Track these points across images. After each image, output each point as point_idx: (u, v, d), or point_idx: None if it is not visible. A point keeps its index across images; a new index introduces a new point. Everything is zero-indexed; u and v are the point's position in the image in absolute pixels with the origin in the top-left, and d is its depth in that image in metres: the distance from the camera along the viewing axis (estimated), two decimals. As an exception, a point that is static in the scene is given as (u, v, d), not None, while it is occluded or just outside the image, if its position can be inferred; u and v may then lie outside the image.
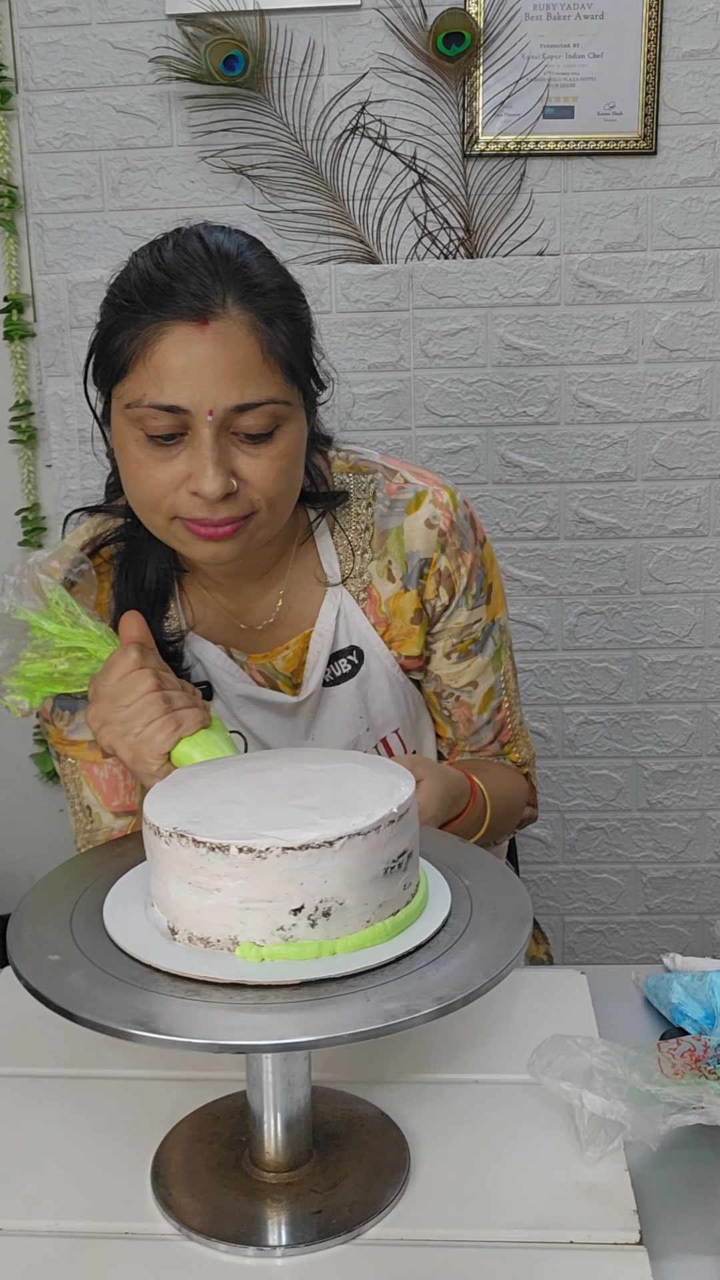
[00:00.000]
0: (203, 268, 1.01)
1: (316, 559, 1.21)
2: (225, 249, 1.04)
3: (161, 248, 1.05)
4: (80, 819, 1.26)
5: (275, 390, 1.03)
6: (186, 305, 1.00)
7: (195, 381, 1.00)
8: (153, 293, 1.01)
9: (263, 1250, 0.81)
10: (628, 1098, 0.85)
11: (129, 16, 2.05)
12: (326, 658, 1.20)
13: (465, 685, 1.26)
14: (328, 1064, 0.97)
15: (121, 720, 1.01)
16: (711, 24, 2.02)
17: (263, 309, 1.02)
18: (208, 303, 1.00)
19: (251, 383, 1.01)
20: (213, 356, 1.00)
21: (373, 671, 1.22)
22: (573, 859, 2.34)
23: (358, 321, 2.13)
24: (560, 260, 2.11)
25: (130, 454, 1.05)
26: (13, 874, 2.25)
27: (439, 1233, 0.82)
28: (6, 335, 2.17)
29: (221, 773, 0.90)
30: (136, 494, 1.07)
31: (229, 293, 1.01)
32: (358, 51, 2.04)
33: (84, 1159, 0.90)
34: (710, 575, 2.21)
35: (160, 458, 1.03)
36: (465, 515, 1.22)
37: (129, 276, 1.04)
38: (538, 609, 2.23)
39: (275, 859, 0.76)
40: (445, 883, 0.89)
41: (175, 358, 1.00)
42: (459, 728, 1.29)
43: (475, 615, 1.24)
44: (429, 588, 1.21)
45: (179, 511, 1.05)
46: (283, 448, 1.05)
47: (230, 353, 1.00)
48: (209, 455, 1.01)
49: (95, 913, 0.87)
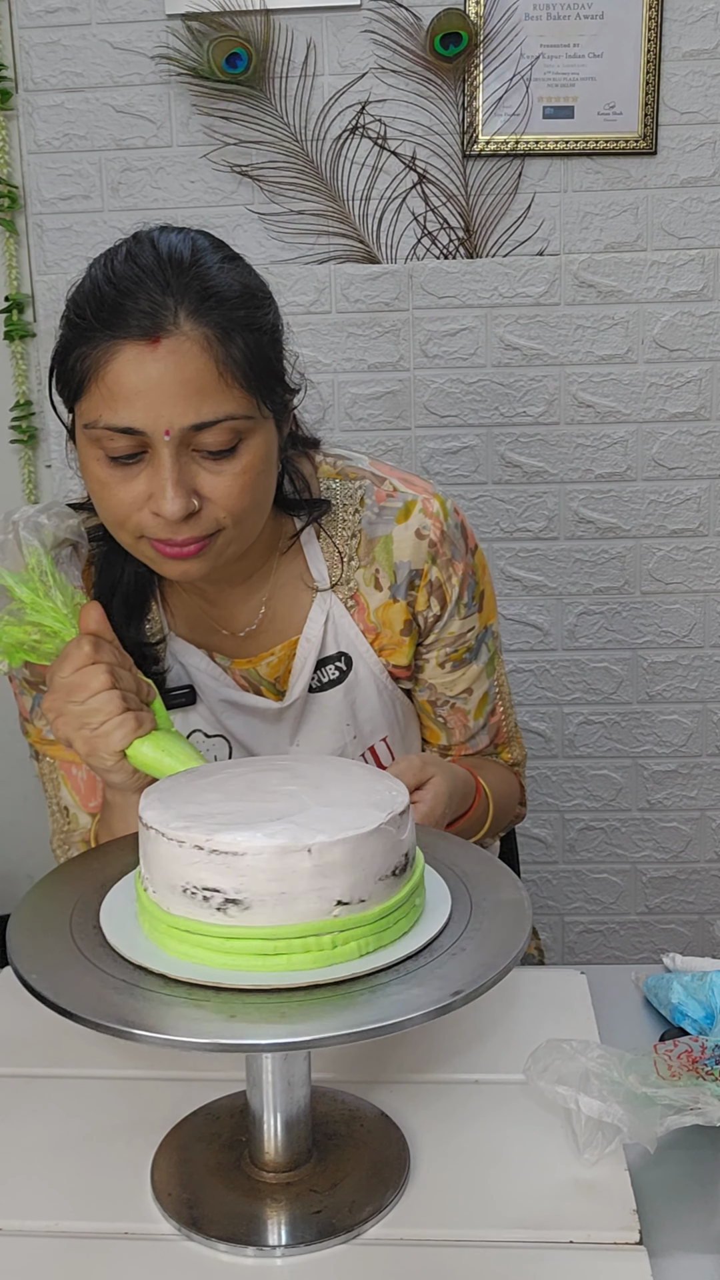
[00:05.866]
0: (153, 281, 0.98)
1: (304, 565, 1.19)
2: (179, 256, 1.00)
3: (114, 259, 1.01)
4: (58, 819, 1.25)
5: (234, 406, 0.99)
6: (137, 324, 0.96)
7: (149, 402, 0.97)
8: (103, 310, 0.98)
9: (263, 1250, 0.81)
10: (624, 1100, 0.85)
11: (129, 16, 2.05)
12: (313, 664, 1.18)
13: (460, 693, 1.26)
14: (328, 1064, 0.97)
15: (77, 714, 0.98)
16: (711, 24, 2.02)
17: (218, 322, 0.99)
18: (158, 320, 0.97)
19: (208, 400, 0.98)
20: (166, 375, 0.97)
21: (361, 679, 1.20)
22: (572, 859, 2.34)
23: (358, 321, 2.13)
24: (560, 260, 2.11)
25: (93, 473, 1.03)
26: (13, 874, 2.25)
27: (439, 1233, 0.82)
28: (7, 335, 2.17)
29: (216, 777, 0.90)
30: (103, 513, 1.06)
31: (181, 307, 0.97)
32: (357, 51, 2.04)
33: (84, 1159, 0.90)
34: (710, 575, 2.21)
35: (122, 478, 1.01)
36: (456, 524, 1.20)
37: (83, 288, 1.01)
38: (538, 609, 2.23)
39: (275, 858, 0.76)
40: (444, 884, 0.89)
41: (128, 378, 0.97)
42: (454, 734, 1.28)
43: (468, 624, 1.23)
44: (420, 599, 1.19)
45: (144, 531, 1.03)
46: (247, 463, 1.02)
47: (183, 370, 0.97)
48: (168, 476, 0.99)
49: (95, 913, 0.87)
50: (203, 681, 1.20)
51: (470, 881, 0.89)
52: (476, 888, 0.88)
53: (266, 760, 0.95)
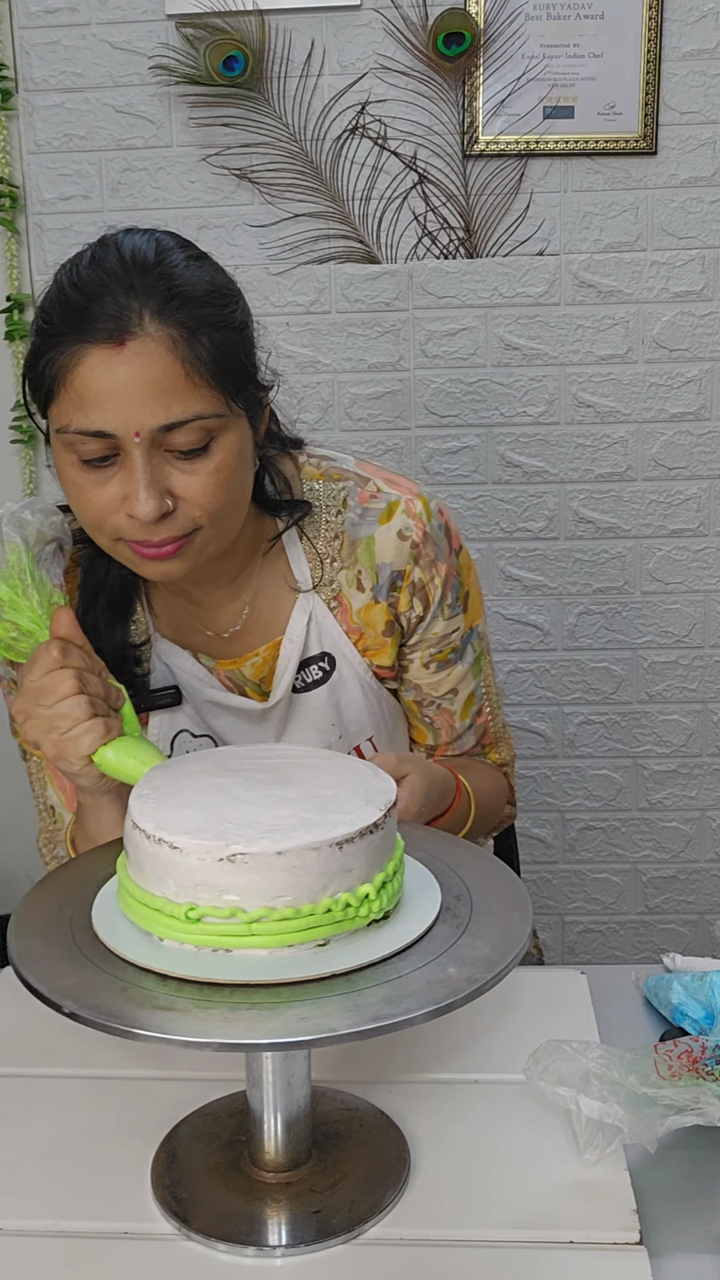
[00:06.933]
0: (117, 284, 0.98)
1: (286, 566, 1.19)
2: (143, 258, 1.00)
3: (79, 264, 1.02)
4: (44, 819, 1.26)
5: (203, 405, 0.99)
6: (102, 327, 0.97)
7: (118, 405, 0.97)
8: (70, 315, 0.98)
9: (262, 1250, 0.81)
10: (624, 1101, 0.85)
11: (129, 16, 2.05)
12: (296, 664, 1.18)
13: (446, 693, 1.25)
14: (328, 1064, 0.97)
15: (45, 718, 0.98)
16: (711, 24, 2.02)
17: (184, 322, 0.99)
18: (123, 322, 0.97)
19: (176, 400, 0.98)
20: (133, 377, 0.97)
21: (345, 678, 1.20)
22: (573, 859, 2.34)
23: (358, 321, 2.13)
24: (560, 260, 2.11)
25: (67, 477, 1.03)
26: (13, 874, 2.25)
27: (439, 1233, 0.82)
28: (7, 335, 2.17)
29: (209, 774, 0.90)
30: (80, 517, 1.06)
31: (146, 308, 0.98)
32: (357, 52, 2.04)
33: (84, 1159, 0.90)
34: (710, 575, 2.21)
35: (96, 481, 1.01)
36: (440, 525, 1.20)
37: (50, 297, 1.02)
38: (538, 609, 2.23)
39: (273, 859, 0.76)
40: (436, 882, 0.89)
41: (96, 381, 0.97)
42: (441, 734, 1.28)
43: (453, 625, 1.23)
44: (402, 600, 1.19)
45: (121, 533, 1.03)
46: (220, 461, 1.02)
47: (150, 371, 0.97)
48: (141, 478, 0.99)
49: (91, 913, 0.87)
50: (188, 682, 1.20)
51: (470, 881, 0.89)
52: (476, 887, 0.88)
53: (251, 752, 0.94)
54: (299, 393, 2.14)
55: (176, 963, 0.79)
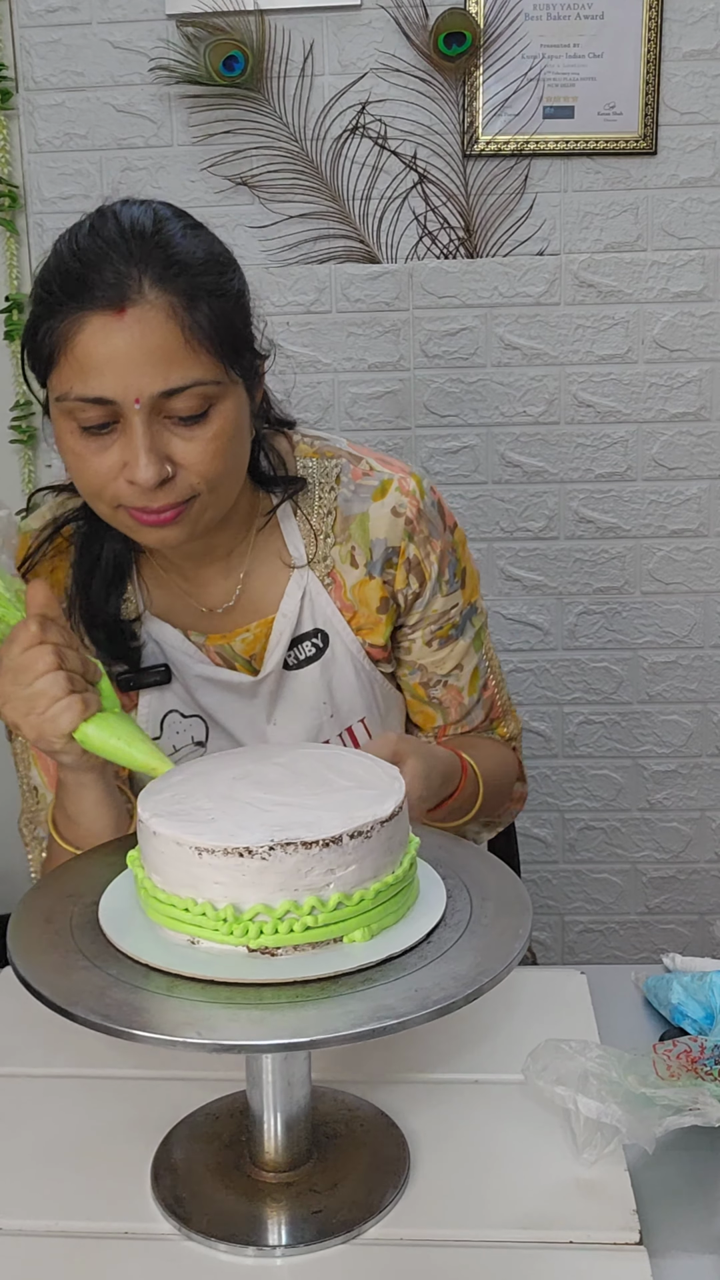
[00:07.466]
0: (116, 252, 0.99)
1: (281, 542, 1.20)
2: (141, 227, 1.02)
3: (78, 233, 1.03)
4: (27, 799, 1.26)
5: (202, 371, 1.01)
6: (102, 295, 0.98)
7: (118, 371, 0.98)
8: (69, 283, 0.99)
9: (262, 1250, 0.81)
10: (623, 1101, 0.85)
11: (129, 16, 2.05)
12: (289, 639, 1.19)
13: (452, 670, 1.26)
14: (328, 1064, 0.97)
15: (25, 698, 0.98)
16: (711, 24, 2.02)
17: (183, 289, 1.00)
18: (123, 289, 0.98)
19: (176, 366, 0.99)
20: (133, 344, 0.98)
21: (338, 656, 1.21)
22: (572, 859, 2.34)
23: (358, 321, 2.13)
24: (560, 260, 2.11)
25: (67, 445, 1.04)
26: (13, 874, 2.25)
27: (438, 1233, 0.82)
28: (7, 335, 2.17)
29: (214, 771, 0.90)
30: (80, 485, 1.07)
31: (145, 276, 0.99)
32: (358, 51, 2.04)
33: (84, 1159, 0.90)
34: (710, 575, 2.21)
35: (96, 448, 1.03)
36: (433, 502, 1.21)
37: (49, 264, 1.03)
38: (538, 609, 2.23)
39: (289, 856, 0.76)
40: (442, 882, 0.89)
41: (96, 348, 0.98)
42: (450, 712, 1.28)
43: (452, 601, 1.24)
44: (399, 578, 1.20)
45: (121, 500, 1.04)
46: (218, 427, 1.03)
47: (150, 338, 0.98)
48: (140, 444, 1.00)
49: (94, 912, 0.87)
50: (177, 659, 1.20)
51: (470, 881, 0.89)
52: (476, 887, 0.88)
53: (261, 751, 0.95)
54: (299, 392, 2.14)
55: (176, 961, 0.79)
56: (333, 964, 0.78)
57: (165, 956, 0.80)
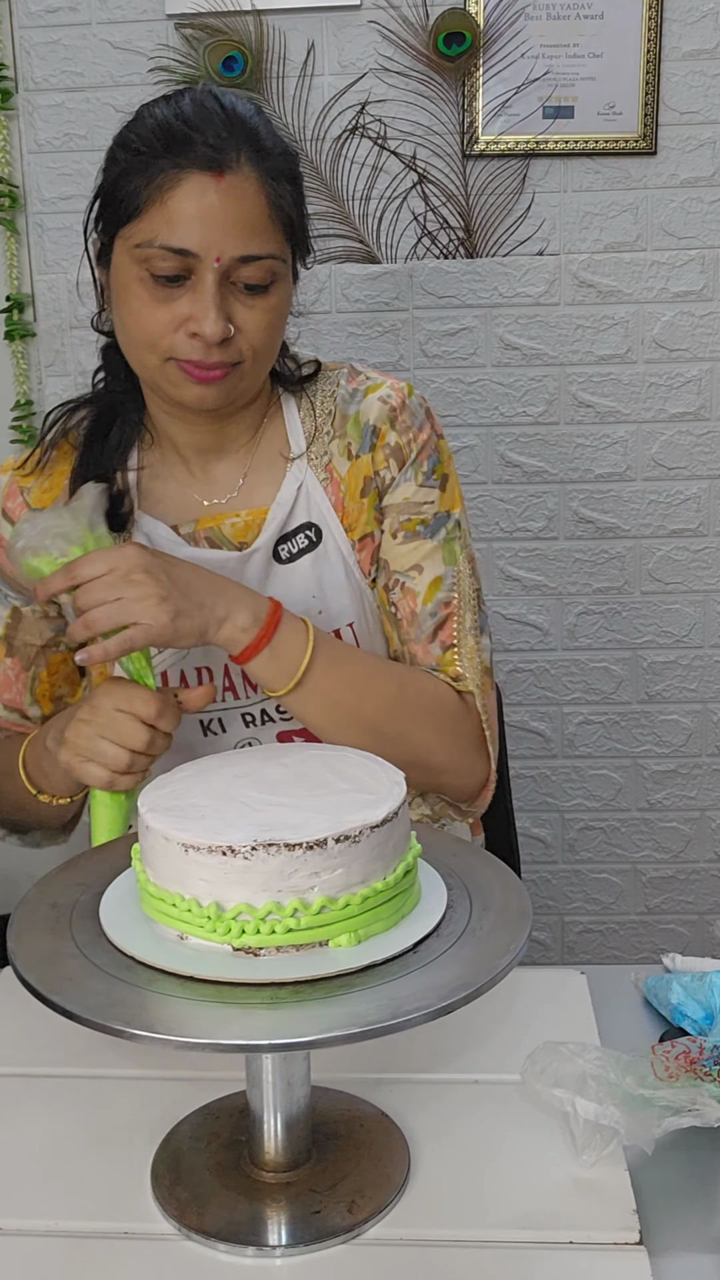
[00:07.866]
0: (220, 122, 1.07)
1: (284, 438, 1.24)
2: (239, 111, 1.10)
3: (179, 100, 1.10)
4: None
5: (276, 247, 1.09)
6: (204, 155, 1.05)
7: (207, 228, 1.05)
8: (172, 141, 1.06)
9: (262, 1250, 0.81)
10: (621, 1102, 0.85)
11: (129, 16, 2.05)
12: (281, 522, 1.21)
13: (410, 569, 1.22)
14: (328, 1064, 0.97)
15: (88, 736, 1.04)
16: (711, 24, 2.02)
17: (271, 169, 1.09)
18: (224, 155, 1.06)
19: (257, 236, 1.07)
20: (225, 207, 1.06)
21: (329, 553, 1.21)
22: (572, 859, 2.34)
23: (358, 321, 2.13)
24: (560, 260, 2.11)
25: (133, 292, 1.09)
26: (13, 874, 2.25)
27: (438, 1233, 0.82)
28: (7, 335, 2.17)
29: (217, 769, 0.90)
30: (135, 332, 1.11)
31: (242, 150, 1.07)
32: (357, 51, 2.04)
33: (84, 1159, 0.90)
34: (710, 575, 2.21)
35: (162, 298, 1.08)
36: (420, 403, 1.25)
37: (144, 124, 1.09)
38: (538, 609, 2.23)
39: (272, 858, 0.76)
40: (442, 882, 0.89)
41: (190, 204, 1.05)
42: (403, 624, 1.23)
43: (426, 495, 1.23)
44: (378, 458, 1.22)
45: (174, 353, 1.10)
46: (275, 302, 1.11)
47: (241, 205, 1.06)
48: (211, 300, 1.07)
49: (94, 912, 0.87)
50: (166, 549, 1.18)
51: (470, 881, 0.89)
52: (476, 887, 0.88)
53: (268, 750, 0.95)
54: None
55: (177, 960, 0.79)
56: (314, 968, 0.77)
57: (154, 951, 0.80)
